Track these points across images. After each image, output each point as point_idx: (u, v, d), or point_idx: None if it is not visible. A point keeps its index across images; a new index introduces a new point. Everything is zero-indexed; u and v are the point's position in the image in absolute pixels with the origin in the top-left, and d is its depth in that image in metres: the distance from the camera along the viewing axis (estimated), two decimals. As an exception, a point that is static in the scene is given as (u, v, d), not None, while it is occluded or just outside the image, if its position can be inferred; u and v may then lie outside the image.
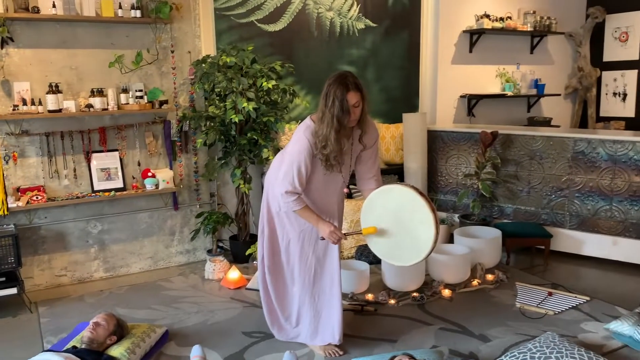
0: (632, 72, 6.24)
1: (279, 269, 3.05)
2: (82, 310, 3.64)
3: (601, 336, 3.16)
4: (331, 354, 2.97)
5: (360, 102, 2.65)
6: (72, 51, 3.95)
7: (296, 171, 2.70)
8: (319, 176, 2.81)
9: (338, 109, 2.60)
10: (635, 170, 4.19)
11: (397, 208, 2.72)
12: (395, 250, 2.76)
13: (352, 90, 2.62)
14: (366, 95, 2.69)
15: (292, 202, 2.74)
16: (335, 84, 2.64)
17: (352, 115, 2.64)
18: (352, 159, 2.90)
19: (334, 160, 2.70)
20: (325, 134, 2.64)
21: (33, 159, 3.92)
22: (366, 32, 5.27)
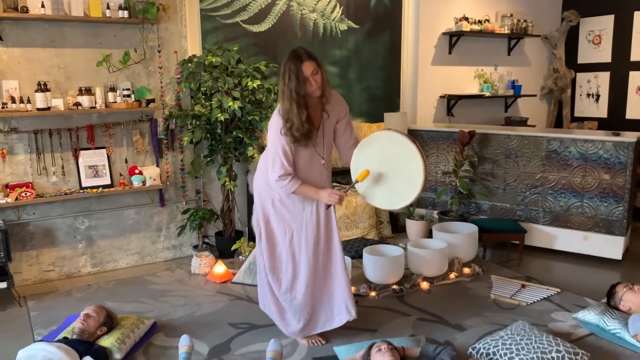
0: (605, 74, 6.47)
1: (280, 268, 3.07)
2: (70, 304, 3.73)
3: (570, 325, 3.34)
4: (314, 342, 3.11)
5: (317, 70, 2.75)
6: (60, 50, 4.02)
7: (281, 154, 2.81)
8: (300, 160, 2.89)
9: (295, 82, 2.70)
10: (605, 169, 4.39)
11: (381, 153, 2.83)
12: (393, 194, 2.84)
13: (306, 60, 2.72)
14: (322, 64, 2.79)
15: (288, 183, 2.84)
16: (288, 60, 2.75)
17: (312, 84, 2.74)
18: (325, 136, 2.96)
19: (298, 132, 2.77)
20: (287, 109, 2.76)
21: (22, 156, 3.99)
22: (349, 33, 5.40)
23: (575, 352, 2.75)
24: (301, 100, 2.75)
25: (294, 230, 3.00)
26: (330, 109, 2.93)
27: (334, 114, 2.96)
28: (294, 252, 3.02)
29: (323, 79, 2.78)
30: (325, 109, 2.91)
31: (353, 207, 4.83)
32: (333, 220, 3.07)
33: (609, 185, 4.38)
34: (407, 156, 2.76)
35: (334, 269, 3.08)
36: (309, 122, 2.80)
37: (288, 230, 3.01)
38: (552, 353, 2.72)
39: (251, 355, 3.01)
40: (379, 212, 5.08)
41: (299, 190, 2.87)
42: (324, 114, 2.93)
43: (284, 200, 2.98)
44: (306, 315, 3.06)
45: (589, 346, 3.03)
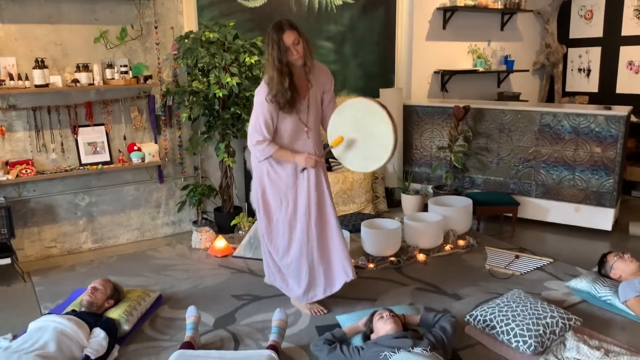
0: (596, 49, 6.54)
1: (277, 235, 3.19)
2: (75, 279, 3.79)
3: (562, 293, 3.46)
4: (316, 312, 3.20)
5: (298, 40, 2.85)
6: (57, 27, 4.00)
7: (262, 121, 2.94)
8: (286, 127, 3.01)
9: (276, 51, 2.83)
10: (597, 142, 4.48)
11: (353, 119, 2.96)
12: (366, 157, 2.97)
13: (287, 30, 2.83)
14: (303, 33, 2.88)
15: (266, 147, 2.98)
16: (272, 30, 2.86)
17: (293, 54, 2.85)
18: (311, 105, 3.06)
19: (282, 99, 2.89)
20: (270, 76, 2.88)
21: (21, 133, 3.99)
22: (344, 8, 5.41)
23: (568, 317, 2.87)
24: (284, 69, 2.86)
25: (289, 199, 3.12)
26: (313, 78, 3.03)
27: (319, 83, 3.07)
28: (289, 219, 3.14)
29: (304, 49, 2.89)
30: (308, 78, 3.01)
31: (350, 183, 4.90)
32: (324, 184, 3.17)
33: (600, 159, 4.48)
34: (378, 120, 2.88)
35: (329, 234, 3.18)
36: (292, 90, 2.92)
37: (284, 199, 3.13)
38: (546, 319, 2.83)
39: (256, 325, 3.10)
40: (375, 188, 5.16)
41: (275, 154, 3.01)
42: (308, 83, 3.02)
43: (278, 170, 3.09)
44: (305, 278, 3.17)
45: (581, 312, 3.15)
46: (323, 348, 2.68)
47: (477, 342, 2.89)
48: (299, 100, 2.99)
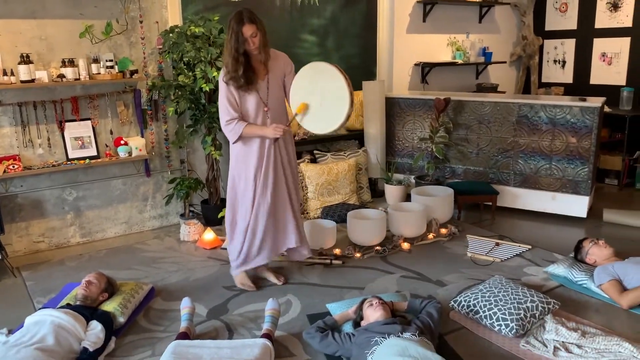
0: (571, 40, 6.72)
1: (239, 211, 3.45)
2: (65, 273, 3.82)
3: (541, 278, 3.62)
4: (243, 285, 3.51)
5: (256, 33, 3.08)
6: (41, 21, 4.00)
7: (226, 102, 3.22)
8: (248, 106, 3.26)
9: (234, 40, 3.08)
10: (572, 132, 4.65)
11: (310, 83, 3.17)
12: (326, 118, 3.16)
13: (247, 23, 3.06)
14: (262, 26, 3.13)
15: (236, 125, 3.23)
16: (233, 20, 3.10)
17: (250, 45, 3.10)
18: (270, 87, 3.29)
19: (236, 82, 3.16)
20: (226, 62, 3.16)
21: (7, 129, 3.99)
22: (326, 2, 5.47)
23: (547, 301, 3.01)
24: (240, 57, 3.11)
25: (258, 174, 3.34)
26: (271, 65, 3.28)
27: (278, 69, 3.31)
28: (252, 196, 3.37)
29: (261, 41, 3.13)
30: (266, 65, 3.25)
31: (335, 174, 4.99)
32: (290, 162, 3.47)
33: (576, 148, 4.65)
34: (330, 77, 3.09)
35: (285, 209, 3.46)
36: (248, 73, 3.17)
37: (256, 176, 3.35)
38: (527, 303, 2.97)
39: (248, 315, 3.19)
40: (359, 179, 5.26)
41: (245, 130, 3.24)
42: (265, 69, 3.27)
43: (240, 151, 3.35)
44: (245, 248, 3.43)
45: (558, 296, 3.31)
46: (315, 335, 2.78)
47: (462, 327, 3.02)
48: (257, 81, 3.24)
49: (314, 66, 3.18)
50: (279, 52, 3.38)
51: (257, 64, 3.24)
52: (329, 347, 2.72)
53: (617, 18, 6.21)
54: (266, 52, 3.19)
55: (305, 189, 4.97)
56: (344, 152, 5.34)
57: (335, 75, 3.08)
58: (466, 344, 2.85)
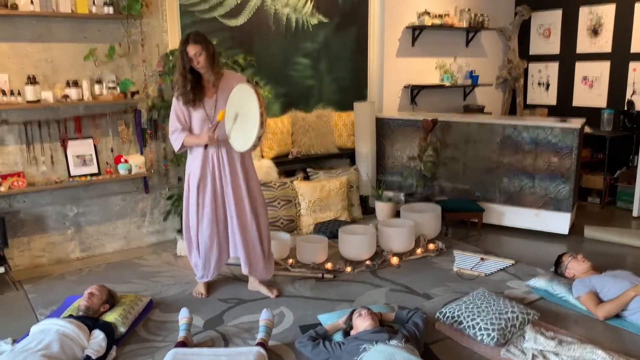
0: (554, 64, 6.99)
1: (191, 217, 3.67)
2: (66, 286, 3.96)
3: (522, 291, 3.80)
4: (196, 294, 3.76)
5: (201, 52, 3.31)
6: (47, 45, 4.19)
7: (174, 115, 3.51)
8: (194, 121, 3.50)
9: (181, 59, 3.35)
10: (553, 152, 4.86)
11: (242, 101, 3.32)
12: (245, 135, 3.30)
13: (191, 43, 3.31)
14: (207, 47, 3.34)
15: (178, 134, 3.50)
16: (181, 41, 3.38)
17: (195, 63, 3.34)
18: (218, 104, 3.47)
19: (182, 97, 3.42)
20: (176, 79, 3.47)
21: (12, 147, 4.15)
22: (319, 27, 5.71)
23: (527, 312, 3.19)
24: (187, 74, 3.36)
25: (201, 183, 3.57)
26: (222, 84, 3.49)
27: (228, 89, 3.43)
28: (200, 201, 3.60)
29: (207, 60, 3.34)
30: (215, 84, 3.47)
31: (327, 192, 5.18)
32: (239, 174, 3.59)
33: (557, 167, 4.86)
34: (250, 99, 3.24)
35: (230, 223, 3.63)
36: (196, 90, 3.41)
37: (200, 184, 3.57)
38: (508, 314, 3.14)
39: (243, 326, 3.33)
40: (350, 196, 5.44)
41: (186, 140, 3.49)
42: (215, 88, 3.48)
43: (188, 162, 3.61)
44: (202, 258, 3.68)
45: (539, 308, 3.48)
46: (307, 344, 2.93)
47: (447, 337, 3.18)
48: (204, 99, 3.47)
49: (242, 87, 3.33)
50: (234, 73, 3.67)
51: (206, 83, 3.47)
52: (320, 354, 2.87)
53: (597, 44, 6.49)
54: (214, 72, 3.41)
55: (298, 206, 5.14)
56: (336, 170, 5.53)
57: (253, 98, 3.21)
58: (451, 353, 3.01)
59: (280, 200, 5.05)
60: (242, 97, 3.30)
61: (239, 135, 3.35)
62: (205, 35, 3.39)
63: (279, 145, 5.38)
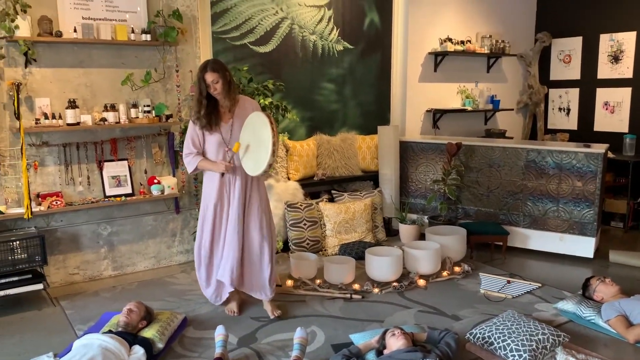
0: (575, 90, 7.08)
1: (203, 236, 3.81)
2: (101, 303, 4.06)
3: (551, 314, 3.82)
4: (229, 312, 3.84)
5: (218, 80, 3.44)
6: (87, 70, 4.37)
7: (189, 139, 3.63)
8: (210, 146, 3.62)
9: (198, 85, 3.49)
10: (578, 177, 4.92)
11: (249, 127, 3.49)
12: (257, 160, 3.41)
13: (209, 71, 3.44)
14: (224, 75, 3.47)
15: (192, 158, 3.63)
16: (200, 68, 3.51)
17: (212, 90, 3.48)
18: (233, 130, 3.60)
19: (198, 121, 3.54)
20: (193, 103, 3.60)
21: (51, 168, 4.31)
22: (344, 53, 5.87)
23: (557, 334, 3.22)
24: (203, 100, 3.50)
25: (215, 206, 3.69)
26: (238, 110, 3.62)
27: (244, 115, 3.59)
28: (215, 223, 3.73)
29: (224, 88, 3.48)
30: (231, 110, 3.60)
31: (351, 213, 5.26)
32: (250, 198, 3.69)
33: (581, 192, 4.91)
34: (264, 127, 3.36)
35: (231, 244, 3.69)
36: (211, 116, 3.54)
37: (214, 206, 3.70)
38: (538, 335, 3.18)
39: (277, 344, 3.40)
40: (375, 218, 5.52)
41: (200, 164, 3.62)
42: (231, 114, 3.61)
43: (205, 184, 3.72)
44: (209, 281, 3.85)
45: (568, 331, 3.49)
46: (341, 362, 2.99)
47: (477, 357, 3.22)
48: (220, 124, 3.59)
49: (258, 115, 3.45)
50: (249, 99, 3.77)
51: (222, 108, 3.60)
52: (355, 372, 2.92)
53: (618, 69, 6.57)
54: (230, 98, 3.54)
55: (323, 227, 5.23)
56: (360, 192, 5.62)
57: (267, 128, 3.32)
58: (482, 372, 3.04)
59: (306, 221, 5.15)
60: (257, 124, 3.43)
61: (250, 160, 3.47)
62: (223, 64, 3.56)
63: (304, 167, 5.50)
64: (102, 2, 4.33)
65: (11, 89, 4.04)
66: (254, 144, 3.45)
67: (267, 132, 3.33)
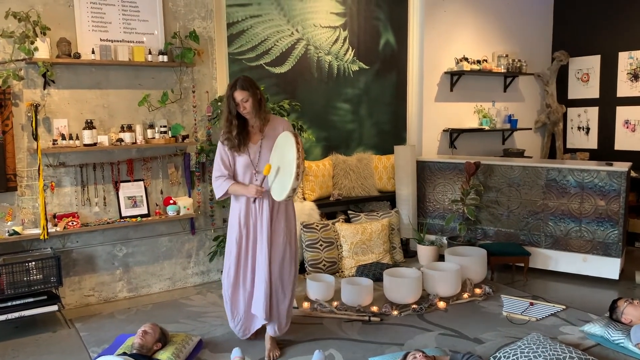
0: (594, 108, 6.98)
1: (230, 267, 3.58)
2: (116, 325, 4.01)
3: (577, 337, 3.69)
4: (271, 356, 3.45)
5: (248, 98, 3.28)
6: (104, 91, 4.40)
7: (219, 160, 3.45)
8: (238, 168, 3.45)
9: (227, 104, 3.34)
10: (600, 195, 4.80)
11: (279, 149, 3.30)
12: (283, 184, 3.19)
13: (238, 89, 3.28)
14: (254, 93, 3.30)
15: (223, 182, 3.42)
16: (229, 86, 3.35)
17: (241, 109, 3.31)
18: (262, 152, 3.42)
19: (229, 142, 3.38)
20: (223, 123, 3.42)
21: (68, 188, 4.31)
22: (360, 73, 5.86)
23: (585, 358, 3.10)
24: (233, 119, 3.34)
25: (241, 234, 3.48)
26: (268, 130, 3.44)
27: (274, 135, 3.40)
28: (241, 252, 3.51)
29: (254, 106, 3.31)
30: (261, 130, 3.43)
31: (369, 234, 5.18)
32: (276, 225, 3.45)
33: (605, 211, 4.79)
34: (289, 146, 3.16)
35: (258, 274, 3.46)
36: (241, 136, 3.37)
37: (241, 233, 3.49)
38: (566, 359, 3.06)
39: (294, 367, 3.32)
40: (392, 239, 5.43)
41: (231, 188, 3.42)
42: (261, 134, 3.44)
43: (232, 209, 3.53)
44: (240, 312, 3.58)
45: (595, 355, 3.37)
46: (361, 386, 2.89)
47: (502, 382, 3.10)
48: (249, 144, 3.42)
49: (286, 134, 3.24)
50: (280, 119, 3.62)
51: (252, 128, 3.43)
52: (376, 397, 2.82)
53: (638, 87, 6.47)
54: (260, 117, 3.36)
55: (340, 248, 5.15)
56: (377, 212, 5.55)
57: (292, 149, 3.12)
58: (508, 398, 2.92)
59: (322, 242, 5.08)
60: (284, 146, 3.24)
61: (278, 184, 3.26)
62: (253, 81, 3.37)
63: (320, 187, 5.45)
64: (120, 24, 4.37)
65: (29, 110, 4.07)
66: (280, 168, 3.24)
67: (292, 154, 3.11)
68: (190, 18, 4.70)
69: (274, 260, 3.43)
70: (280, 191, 3.22)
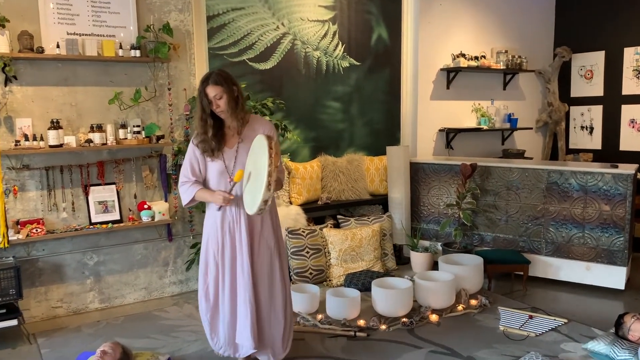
0: (598, 107, 6.67)
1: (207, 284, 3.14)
2: (81, 340, 3.72)
3: (580, 355, 3.38)
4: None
5: (222, 95, 2.90)
6: (72, 88, 4.10)
7: (188, 165, 3.07)
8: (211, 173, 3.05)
9: (199, 101, 2.96)
10: (605, 200, 4.49)
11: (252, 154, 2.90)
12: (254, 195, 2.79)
13: (211, 84, 2.91)
14: (230, 89, 2.92)
15: (189, 187, 3.05)
16: (201, 80, 2.99)
17: (214, 107, 2.94)
18: (238, 157, 3.01)
19: (203, 144, 2.99)
20: (196, 122, 3.03)
21: (32, 193, 4.02)
22: (350, 70, 5.55)
23: (589, 382, 2.80)
24: (207, 118, 2.96)
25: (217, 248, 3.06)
26: (247, 132, 3.04)
27: (251, 136, 2.99)
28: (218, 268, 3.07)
29: (229, 104, 2.93)
30: (239, 132, 3.03)
31: (358, 240, 4.88)
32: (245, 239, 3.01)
33: (610, 216, 4.48)
34: (262, 152, 2.76)
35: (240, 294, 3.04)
36: (215, 138, 2.98)
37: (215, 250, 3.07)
38: (567, 384, 2.76)
39: (268, 391, 3.01)
40: (384, 245, 5.13)
41: (197, 194, 3.04)
42: (238, 137, 3.04)
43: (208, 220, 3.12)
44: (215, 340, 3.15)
45: (600, 376, 3.08)
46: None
47: (497, 409, 2.81)
48: (225, 149, 3.03)
49: (260, 137, 2.83)
50: (260, 118, 3.21)
51: (228, 130, 3.04)
52: None
53: (644, 85, 6.17)
54: (238, 117, 2.97)
55: (328, 255, 4.85)
56: (368, 217, 5.25)
57: (265, 153, 2.72)
58: None
59: (308, 249, 4.78)
60: (258, 150, 2.83)
61: (249, 194, 2.87)
62: (229, 75, 2.99)
63: (308, 190, 5.15)
64: (89, 17, 4.08)
65: (-11, 109, 3.79)
66: (252, 175, 2.84)
67: (264, 160, 2.70)
68: (166, 10, 4.41)
69: (261, 276, 3.03)
70: (252, 203, 2.81)
